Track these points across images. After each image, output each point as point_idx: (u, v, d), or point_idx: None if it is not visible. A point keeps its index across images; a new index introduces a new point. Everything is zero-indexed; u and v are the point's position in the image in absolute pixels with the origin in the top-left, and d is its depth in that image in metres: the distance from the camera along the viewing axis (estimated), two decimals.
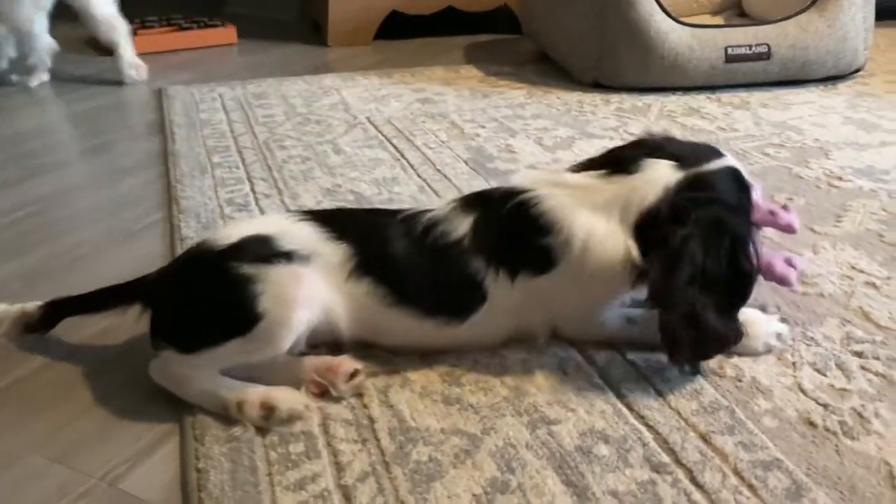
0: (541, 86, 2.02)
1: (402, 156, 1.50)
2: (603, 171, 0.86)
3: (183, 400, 0.79)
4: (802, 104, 1.83)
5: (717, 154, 0.87)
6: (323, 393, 0.79)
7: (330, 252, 0.81)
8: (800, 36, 1.90)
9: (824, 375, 0.84)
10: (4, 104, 1.90)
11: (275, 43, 2.57)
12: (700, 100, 1.87)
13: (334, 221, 0.84)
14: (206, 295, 0.78)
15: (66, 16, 3.27)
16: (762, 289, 1.00)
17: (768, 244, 1.01)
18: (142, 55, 2.34)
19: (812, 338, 0.90)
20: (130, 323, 0.83)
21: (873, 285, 1.02)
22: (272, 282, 0.76)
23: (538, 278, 0.83)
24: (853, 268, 1.06)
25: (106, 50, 2.38)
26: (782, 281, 0.92)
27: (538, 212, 0.82)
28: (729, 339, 0.81)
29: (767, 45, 1.89)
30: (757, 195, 0.93)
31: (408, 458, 0.72)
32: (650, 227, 0.81)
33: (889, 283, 1.02)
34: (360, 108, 1.82)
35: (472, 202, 0.87)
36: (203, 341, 0.77)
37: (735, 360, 0.86)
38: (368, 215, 0.93)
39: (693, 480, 0.69)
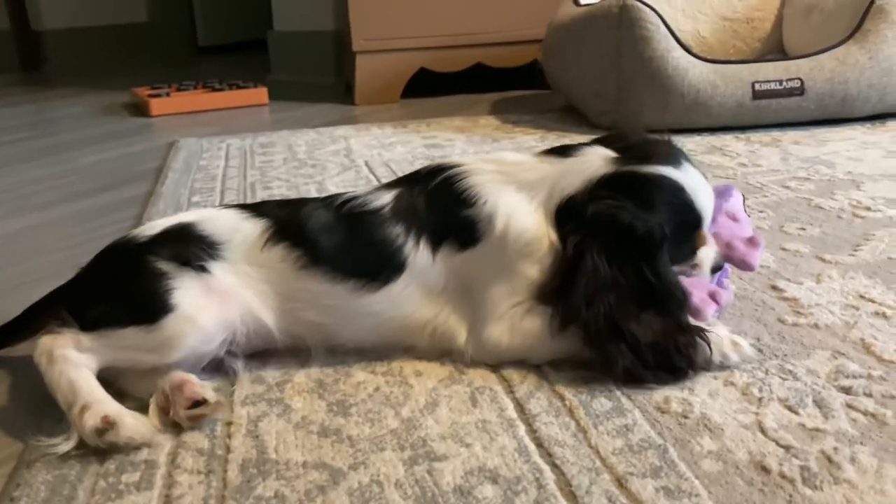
0: (556, 131, 1.92)
1: None
2: (542, 151, 0.83)
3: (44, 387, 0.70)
4: (841, 140, 1.66)
5: (675, 160, 0.78)
6: (166, 411, 0.69)
7: (249, 228, 0.79)
8: (837, 69, 1.74)
9: (795, 413, 0.67)
10: (25, 154, 1.94)
11: (305, 103, 2.58)
12: (726, 139, 1.72)
13: (257, 207, 0.84)
14: (120, 280, 0.76)
15: (106, 84, 3.44)
16: (743, 318, 0.85)
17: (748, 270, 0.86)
18: (173, 115, 2.40)
19: (790, 371, 0.74)
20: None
21: (883, 315, 0.84)
22: (186, 285, 0.74)
23: (461, 253, 0.77)
24: (862, 297, 0.89)
25: (140, 112, 2.46)
26: (695, 314, 0.77)
27: (463, 186, 0.79)
28: (664, 345, 0.71)
29: (800, 79, 1.74)
30: (714, 222, 0.84)
31: (249, 494, 0.60)
32: (568, 217, 0.76)
33: None
34: (362, 154, 1.76)
35: (397, 182, 0.85)
36: (104, 319, 0.73)
37: (685, 393, 0.71)
38: (291, 201, 0.91)
39: None
